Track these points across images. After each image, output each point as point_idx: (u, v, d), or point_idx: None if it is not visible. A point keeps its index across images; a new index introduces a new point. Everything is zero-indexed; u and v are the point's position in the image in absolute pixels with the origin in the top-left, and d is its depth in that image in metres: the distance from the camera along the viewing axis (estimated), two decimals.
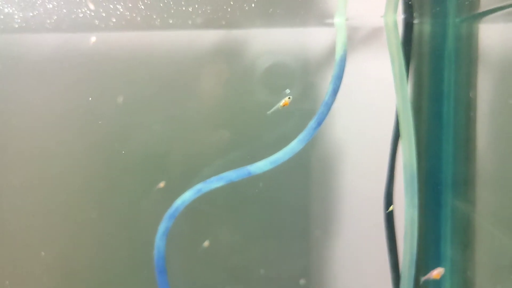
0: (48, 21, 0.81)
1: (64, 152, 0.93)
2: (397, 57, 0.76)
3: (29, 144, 0.92)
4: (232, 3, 0.78)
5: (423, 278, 0.77)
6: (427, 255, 0.86)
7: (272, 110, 0.81)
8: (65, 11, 0.76)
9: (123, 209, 0.95)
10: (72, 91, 0.91)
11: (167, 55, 0.91)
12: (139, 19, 0.80)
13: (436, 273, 0.73)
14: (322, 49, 0.93)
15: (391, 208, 0.85)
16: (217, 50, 0.91)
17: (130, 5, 0.77)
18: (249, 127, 0.94)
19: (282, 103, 0.79)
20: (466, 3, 0.84)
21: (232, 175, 0.83)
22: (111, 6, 0.78)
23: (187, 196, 0.84)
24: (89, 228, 0.95)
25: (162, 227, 0.85)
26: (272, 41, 0.92)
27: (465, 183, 0.86)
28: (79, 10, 0.77)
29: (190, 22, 0.81)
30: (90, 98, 0.90)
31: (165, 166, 0.94)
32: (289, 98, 0.79)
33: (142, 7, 0.78)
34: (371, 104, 0.95)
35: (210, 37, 0.90)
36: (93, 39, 0.87)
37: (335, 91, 0.79)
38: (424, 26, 0.89)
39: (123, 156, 0.93)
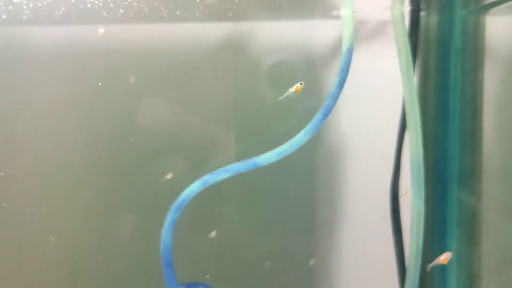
0: (56, 12, 0.81)
1: (71, 143, 0.93)
2: (404, 49, 0.76)
3: (35, 135, 0.92)
4: None
5: (430, 265, 0.77)
6: (433, 247, 0.86)
7: (284, 96, 0.81)
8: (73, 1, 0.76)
9: (130, 200, 0.96)
10: (80, 82, 0.92)
11: (172, 48, 0.91)
12: (146, 10, 0.81)
13: (444, 258, 0.73)
14: (329, 41, 0.93)
15: (404, 194, 0.85)
16: (223, 43, 0.91)
17: None
18: (255, 120, 0.95)
19: (293, 89, 0.79)
20: None
21: (238, 166, 0.83)
22: None
23: (194, 187, 0.84)
24: (95, 219, 0.96)
25: (168, 219, 0.85)
26: (278, 34, 0.92)
27: (471, 175, 0.86)
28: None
29: (197, 14, 0.81)
30: (99, 84, 0.90)
31: (172, 158, 0.94)
32: (300, 84, 0.79)
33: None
34: (377, 96, 0.95)
35: (216, 30, 0.91)
36: (101, 30, 0.88)
37: (341, 83, 0.79)
38: (431, 18, 0.89)
39: (131, 148, 0.93)
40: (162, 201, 0.85)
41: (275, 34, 0.92)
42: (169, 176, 0.92)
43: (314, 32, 0.93)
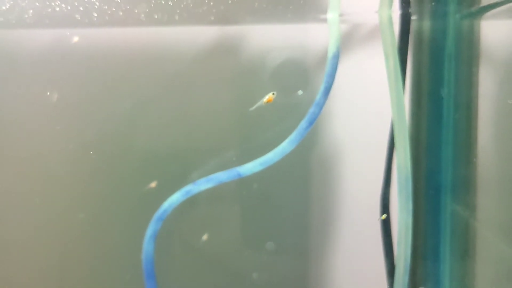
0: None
1: (54, 150, 0.91)
2: (391, 54, 0.73)
3: (17, 143, 0.90)
4: None
5: None
6: (426, 261, 0.82)
7: (255, 106, 0.78)
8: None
9: (114, 209, 0.93)
10: (68, 88, 0.90)
11: (159, 52, 0.89)
12: (143, 15, 0.78)
13: None
14: (317, 46, 0.90)
15: (383, 216, 0.82)
16: (207, 47, 0.88)
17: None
18: (241, 126, 0.92)
19: (265, 99, 0.76)
20: None
21: (221, 176, 0.80)
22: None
23: (175, 198, 0.81)
24: (79, 228, 0.94)
25: (150, 230, 0.83)
26: (265, 38, 0.89)
27: (465, 187, 0.82)
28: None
29: (177, 17, 0.78)
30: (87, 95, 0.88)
31: (161, 165, 0.92)
32: (273, 94, 0.76)
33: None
34: (368, 104, 0.92)
35: (200, 33, 0.88)
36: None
37: (327, 90, 0.76)
38: (423, 22, 0.86)
39: (118, 155, 0.91)
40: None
41: (261, 39, 0.89)
42: (153, 184, 0.90)
43: (301, 36, 0.91)
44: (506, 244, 0.70)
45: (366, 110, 0.93)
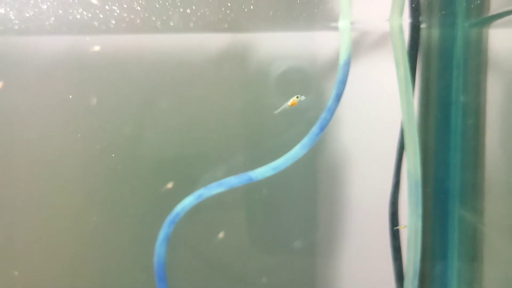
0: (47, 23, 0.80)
1: (64, 155, 0.92)
2: (402, 62, 0.74)
3: (28, 148, 0.92)
4: (230, 4, 0.76)
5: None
6: (434, 266, 0.83)
7: (280, 110, 0.79)
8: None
9: (127, 213, 0.94)
10: (74, 94, 0.91)
11: (163, 59, 0.90)
12: (138, 21, 0.80)
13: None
14: (328, 54, 0.91)
15: (402, 227, 0.82)
16: (218, 54, 0.90)
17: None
18: (253, 131, 0.93)
19: (290, 102, 0.77)
20: (476, 6, 0.82)
21: (233, 181, 0.81)
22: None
23: (188, 201, 0.83)
24: (91, 231, 0.95)
25: (162, 233, 0.84)
26: (276, 46, 0.90)
27: (473, 192, 0.83)
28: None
29: (191, 24, 0.80)
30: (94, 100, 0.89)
31: (171, 169, 0.93)
32: (297, 97, 0.77)
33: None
34: (378, 111, 0.93)
35: (213, 41, 0.89)
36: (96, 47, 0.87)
37: (338, 96, 0.77)
38: (432, 30, 0.87)
39: (124, 160, 0.92)
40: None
41: (272, 47, 0.90)
42: (169, 185, 0.91)
43: (313, 44, 0.92)
44: None
45: (375, 117, 0.94)
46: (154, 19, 0.78)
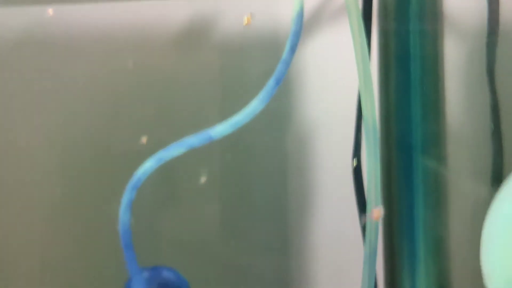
0: None
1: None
2: (356, 20, 0.74)
3: None
4: None
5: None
6: (401, 216, 0.83)
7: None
8: None
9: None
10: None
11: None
12: None
13: (376, 214, 0.67)
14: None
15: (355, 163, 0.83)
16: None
17: None
18: None
19: (245, 23, 0.77)
20: None
21: (193, 140, 0.80)
22: None
23: (148, 165, 0.81)
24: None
25: (124, 199, 0.82)
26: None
27: (435, 142, 0.84)
28: None
29: None
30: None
31: None
32: (248, 15, 0.78)
33: None
34: (340, 74, 0.94)
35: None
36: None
37: (293, 48, 0.77)
38: None
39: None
40: None
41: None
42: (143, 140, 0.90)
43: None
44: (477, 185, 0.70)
45: (336, 81, 0.94)
46: None
